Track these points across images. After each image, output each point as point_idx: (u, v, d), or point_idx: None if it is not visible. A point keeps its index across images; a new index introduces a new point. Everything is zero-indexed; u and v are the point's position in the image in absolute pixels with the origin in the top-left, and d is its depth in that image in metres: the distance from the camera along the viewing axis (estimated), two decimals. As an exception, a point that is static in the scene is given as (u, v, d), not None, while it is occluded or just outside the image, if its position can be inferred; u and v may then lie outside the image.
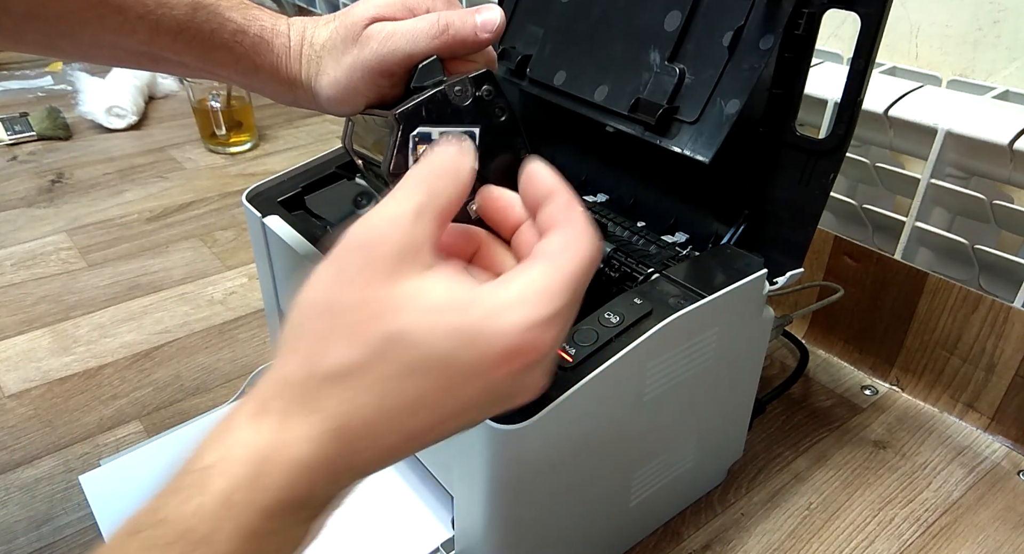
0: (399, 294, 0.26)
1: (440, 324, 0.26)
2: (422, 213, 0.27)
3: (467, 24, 0.38)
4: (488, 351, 0.26)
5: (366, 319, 0.26)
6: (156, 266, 0.84)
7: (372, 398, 0.26)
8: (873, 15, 0.42)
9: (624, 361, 0.39)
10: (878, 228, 0.68)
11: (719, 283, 0.43)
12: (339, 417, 0.25)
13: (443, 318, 0.26)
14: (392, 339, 0.26)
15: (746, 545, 0.53)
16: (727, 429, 0.54)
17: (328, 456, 0.25)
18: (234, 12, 0.40)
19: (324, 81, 0.40)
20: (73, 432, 0.61)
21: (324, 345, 0.26)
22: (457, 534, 0.47)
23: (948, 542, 0.53)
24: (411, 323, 0.26)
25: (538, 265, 0.28)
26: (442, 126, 0.34)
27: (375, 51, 0.38)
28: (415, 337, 0.26)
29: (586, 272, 0.28)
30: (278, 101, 0.44)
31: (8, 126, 1.14)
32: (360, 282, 0.26)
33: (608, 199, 0.58)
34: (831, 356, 0.72)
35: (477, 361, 0.26)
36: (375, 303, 0.26)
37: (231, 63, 0.41)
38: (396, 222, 0.27)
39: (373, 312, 0.26)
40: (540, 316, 0.26)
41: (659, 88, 0.49)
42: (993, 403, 0.62)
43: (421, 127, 0.33)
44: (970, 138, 0.57)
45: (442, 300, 0.26)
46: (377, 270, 0.26)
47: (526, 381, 0.28)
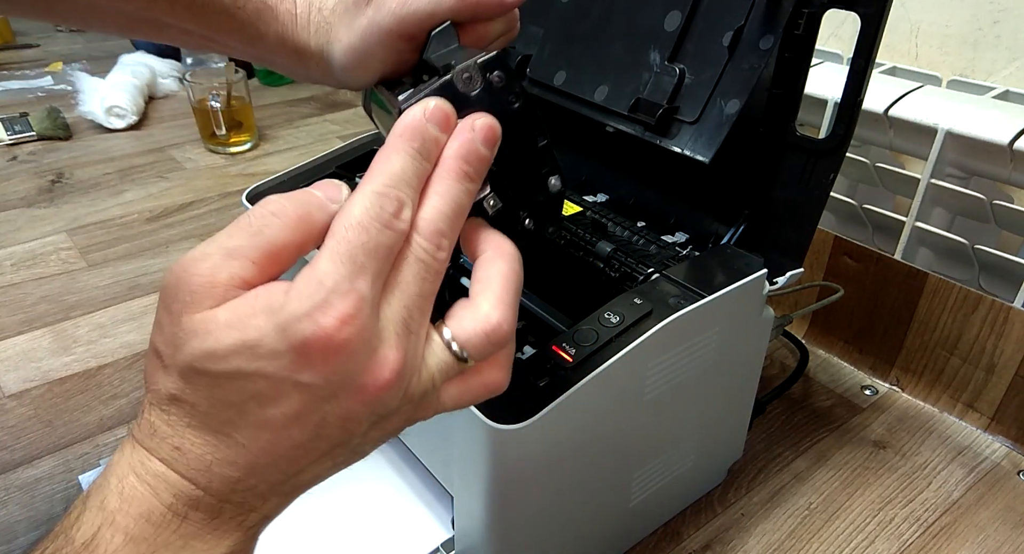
0: (187, 327, 0.25)
1: (220, 346, 0.25)
2: (233, 255, 0.26)
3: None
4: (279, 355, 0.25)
5: (169, 356, 0.26)
6: (156, 266, 0.84)
7: (198, 422, 0.26)
8: (873, 15, 0.42)
9: (624, 361, 0.39)
10: (878, 228, 0.68)
11: (719, 283, 0.43)
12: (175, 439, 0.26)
13: (222, 340, 0.25)
14: (187, 370, 0.25)
15: (746, 545, 0.53)
16: (727, 429, 0.54)
17: (182, 473, 0.26)
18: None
19: (337, 49, 0.37)
20: (73, 432, 0.61)
21: (152, 380, 0.27)
22: (457, 534, 0.47)
23: (948, 542, 0.53)
24: (194, 352, 0.25)
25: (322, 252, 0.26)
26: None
27: (393, 12, 0.35)
28: (202, 364, 0.25)
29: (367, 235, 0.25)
30: (289, 75, 0.41)
31: (8, 126, 1.14)
32: (163, 323, 0.26)
33: (608, 199, 0.58)
34: (831, 356, 0.72)
35: (274, 368, 0.25)
36: (173, 340, 0.26)
37: (234, 31, 0.39)
38: (198, 263, 0.26)
39: (172, 349, 0.26)
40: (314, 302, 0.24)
41: (659, 88, 0.49)
42: (993, 403, 0.62)
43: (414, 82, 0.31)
44: (970, 138, 0.57)
45: (221, 322, 0.25)
46: (172, 311, 0.26)
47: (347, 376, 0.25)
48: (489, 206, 0.33)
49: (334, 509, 0.51)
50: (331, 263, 0.25)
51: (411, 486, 0.53)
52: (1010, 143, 0.55)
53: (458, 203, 0.28)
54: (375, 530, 0.50)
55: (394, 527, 0.50)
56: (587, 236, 0.50)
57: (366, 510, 0.51)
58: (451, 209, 0.28)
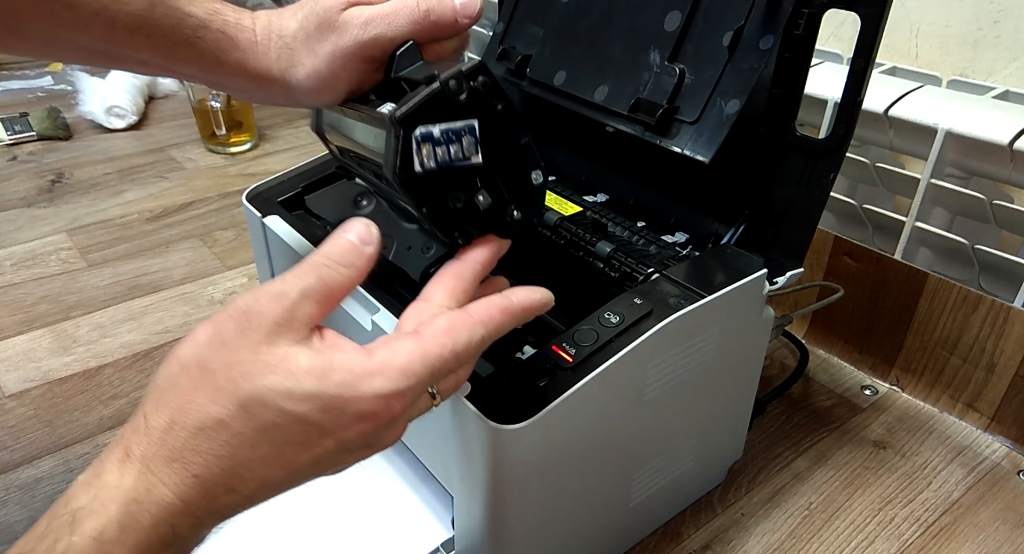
0: (265, 360, 0.28)
1: (297, 389, 0.28)
2: (307, 296, 0.29)
3: (447, 8, 0.38)
4: (341, 415, 0.28)
5: (231, 379, 0.28)
6: (156, 266, 0.84)
7: (230, 451, 0.28)
8: (873, 15, 0.42)
9: (624, 361, 0.39)
10: (878, 228, 0.68)
11: (719, 283, 0.43)
12: (199, 467, 0.27)
13: (301, 383, 0.28)
14: (252, 400, 0.28)
15: (746, 545, 0.53)
16: (727, 429, 0.54)
17: (189, 501, 0.27)
18: (194, 6, 0.39)
19: (301, 73, 0.38)
20: (73, 432, 0.61)
21: (188, 399, 0.28)
22: (457, 534, 0.47)
23: (948, 542, 0.53)
24: (271, 386, 0.28)
25: (408, 342, 0.30)
26: (441, 123, 0.33)
27: (356, 38, 0.37)
28: (272, 400, 0.28)
29: (447, 362, 0.30)
30: (247, 99, 0.44)
31: (8, 126, 1.14)
32: (232, 346, 0.28)
33: (608, 199, 0.58)
34: (831, 356, 0.72)
35: (331, 422, 0.28)
36: (242, 366, 0.28)
37: (194, 60, 0.39)
38: (280, 299, 0.29)
39: (238, 374, 0.28)
40: (392, 389, 0.29)
41: (659, 88, 0.49)
42: (993, 403, 0.62)
43: (421, 127, 0.33)
44: (970, 138, 0.57)
45: (303, 366, 0.28)
46: (250, 338, 0.28)
47: (378, 437, 0.31)
48: (480, 203, 0.35)
49: (334, 509, 0.51)
50: (422, 365, 0.30)
51: (411, 486, 0.53)
52: (1010, 143, 0.55)
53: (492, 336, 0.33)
54: (375, 530, 0.50)
55: (394, 527, 0.50)
56: (587, 236, 0.50)
57: (366, 510, 0.51)
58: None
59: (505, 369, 0.39)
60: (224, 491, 0.28)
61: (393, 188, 0.35)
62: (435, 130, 0.33)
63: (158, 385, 0.29)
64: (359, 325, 0.46)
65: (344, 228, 0.32)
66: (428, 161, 0.33)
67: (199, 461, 0.27)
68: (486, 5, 1.02)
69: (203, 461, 0.27)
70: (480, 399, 0.37)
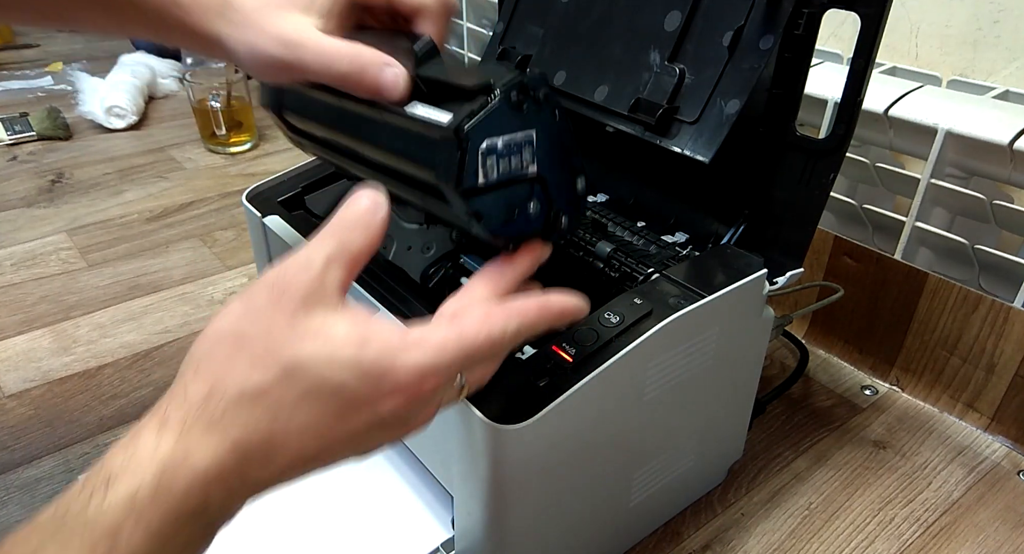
0: (303, 327, 0.28)
1: (337, 356, 0.28)
2: (332, 261, 0.30)
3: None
4: (378, 385, 0.29)
5: (270, 347, 0.28)
6: (156, 266, 0.84)
7: (268, 420, 0.28)
8: (873, 15, 0.42)
9: (624, 361, 0.39)
10: (878, 228, 0.68)
11: (719, 283, 0.43)
12: (236, 434, 0.27)
13: (341, 351, 0.28)
14: (292, 366, 0.28)
15: (746, 545, 0.53)
16: (727, 429, 0.54)
17: (224, 469, 0.27)
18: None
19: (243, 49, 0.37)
20: (73, 432, 0.61)
21: (228, 368, 0.28)
22: (457, 534, 0.47)
23: (948, 542, 0.53)
24: (311, 353, 0.28)
25: (444, 323, 0.31)
26: (504, 134, 0.33)
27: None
28: (313, 366, 0.28)
29: (481, 347, 0.31)
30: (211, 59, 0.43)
31: (8, 126, 1.14)
32: (268, 315, 0.29)
33: (608, 199, 0.58)
34: (831, 356, 0.72)
35: (367, 392, 0.29)
36: (280, 333, 0.28)
37: (140, 20, 0.39)
38: (308, 266, 0.30)
39: (277, 341, 0.28)
40: (428, 363, 0.29)
41: (659, 88, 0.49)
42: (993, 403, 0.62)
43: (488, 139, 0.32)
44: (970, 138, 0.57)
45: (342, 335, 0.29)
46: (285, 306, 0.29)
47: (411, 415, 0.31)
48: (531, 210, 0.36)
49: (334, 509, 0.51)
50: (456, 345, 0.30)
51: (411, 486, 0.53)
52: (1010, 143, 0.55)
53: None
54: (375, 530, 0.50)
55: (394, 527, 0.50)
56: (587, 236, 0.50)
57: (366, 510, 0.51)
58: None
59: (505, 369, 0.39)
60: (260, 461, 0.28)
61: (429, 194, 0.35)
62: (499, 142, 0.33)
63: (195, 357, 0.29)
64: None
65: (354, 195, 0.32)
66: (491, 173, 0.33)
67: (237, 428, 0.27)
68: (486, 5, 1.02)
69: (241, 428, 0.27)
70: (480, 399, 0.37)
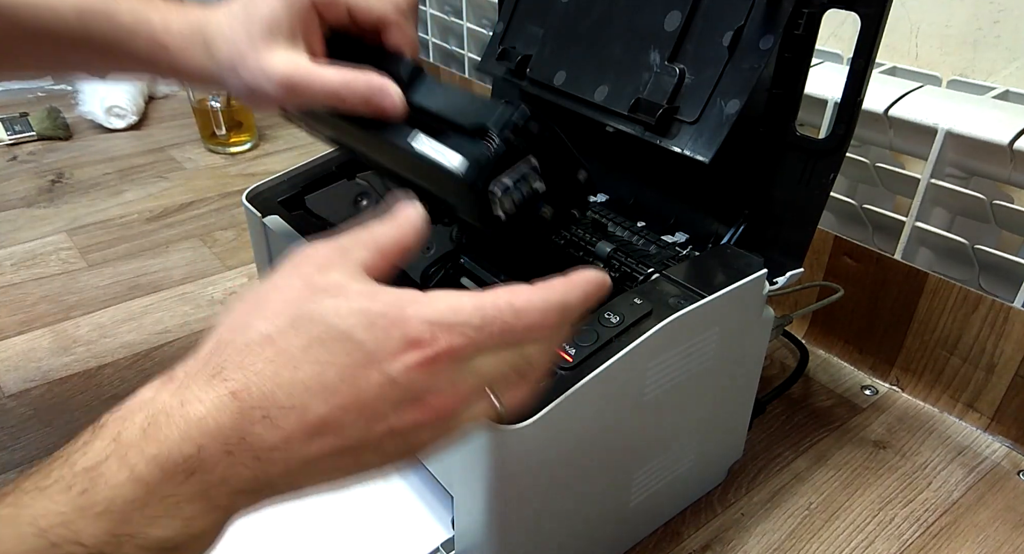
0: (318, 285, 0.28)
1: (346, 305, 0.27)
2: (358, 242, 0.30)
3: None
4: (387, 336, 0.27)
5: (284, 302, 0.28)
6: (156, 266, 0.84)
7: (272, 370, 0.26)
8: (873, 15, 0.42)
9: (624, 361, 0.39)
10: (878, 228, 0.68)
11: (719, 283, 0.43)
12: (237, 384, 0.26)
13: (351, 301, 0.27)
14: (300, 316, 0.27)
15: (746, 545, 0.53)
16: (727, 429, 0.54)
17: (221, 422, 0.25)
18: (123, 15, 0.40)
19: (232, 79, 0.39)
20: (73, 432, 0.60)
21: (241, 321, 0.28)
22: (457, 534, 0.47)
23: (948, 542, 0.53)
24: (321, 304, 0.27)
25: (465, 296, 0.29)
26: (510, 172, 0.36)
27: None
28: (320, 314, 0.27)
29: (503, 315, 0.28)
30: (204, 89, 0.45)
31: (8, 126, 1.14)
32: (285, 279, 0.29)
33: (608, 199, 0.58)
34: (831, 356, 0.72)
35: (375, 344, 0.27)
36: (294, 292, 0.28)
37: (133, 63, 0.41)
38: (331, 243, 0.30)
39: (289, 298, 0.28)
40: (440, 318, 0.27)
41: (659, 88, 0.49)
42: (993, 403, 0.62)
43: (495, 183, 0.36)
44: (970, 138, 0.57)
45: (355, 288, 0.28)
46: (303, 270, 0.29)
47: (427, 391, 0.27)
48: (546, 215, 0.38)
49: (334, 509, 0.51)
50: (473, 307, 0.28)
51: (411, 486, 0.53)
52: (1010, 143, 0.55)
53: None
54: (375, 530, 0.50)
55: (394, 527, 0.50)
56: (587, 236, 0.50)
57: (366, 510, 0.51)
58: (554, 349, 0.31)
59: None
60: (260, 417, 0.26)
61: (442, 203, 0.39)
62: (507, 181, 0.36)
63: (217, 323, 0.29)
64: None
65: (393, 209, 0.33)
66: (507, 206, 0.37)
67: (238, 377, 0.26)
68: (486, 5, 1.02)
69: (243, 377, 0.26)
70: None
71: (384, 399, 0.27)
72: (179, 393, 0.26)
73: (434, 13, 1.09)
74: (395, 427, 0.27)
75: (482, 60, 0.63)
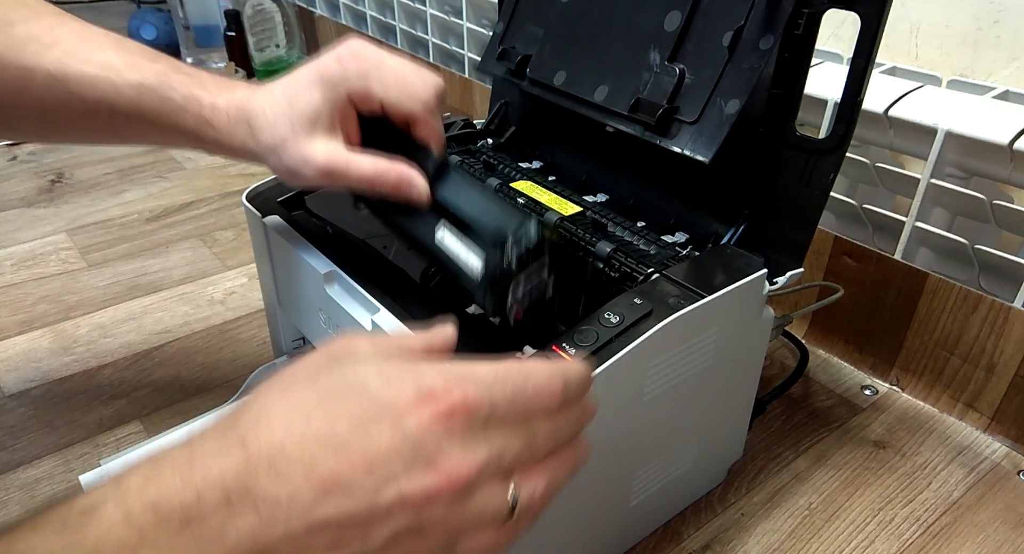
0: (340, 354, 0.30)
1: (364, 365, 0.29)
2: (388, 337, 0.32)
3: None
4: (400, 389, 0.27)
5: (305, 369, 0.29)
6: (156, 266, 0.84)
7: (284, 420, 0.26)
8: (873, 15, 0.42)
9: (624, 361, 0.39)
10: (878, 228, 0.68)
11: (719, 283, 0.43)
12: (247, 431, 0.26)
13: (369, 362, 0.29)
14: (320, 375, 0.28)
15: (746, 545, 0.53)
16: (727, 429, 0.54)
17: (225, 465, 0.25)
18: (175, 92, 0.43)
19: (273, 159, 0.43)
20: (73, 432, 0.61)
21: (261, 390, 0.28)
22: (457, 534, 0.47)
23: (948, 542, 0.53)
24: (341, 365, 0.29)
25: (478, 362, 0.29)
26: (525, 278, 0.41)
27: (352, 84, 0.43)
28: (340, 371, 0.28)
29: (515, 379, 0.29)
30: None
31: (8, 126, 1.14)
32: (312, 355, 0.30)
33: (608, 199, 0.58)
34: (831, 356, 0.72)
35: (389, 396, 0.27)
36: (318, 359, 0.30)
37: (181, 137, 0.44)
38: (364, 334, 0.32)
39: (313, 364, 0.29)
40: (454, 374, 0.28)
41: (659, 88, 0.49)
42: (993, 403, 0.62)
43: (513, 291, 0.40)
44: (970, 138, 0.57)
45: (374, 356, 0.30)
46: (330, 348, 0.30)
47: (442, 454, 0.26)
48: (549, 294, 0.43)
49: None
50: (487, 369, 0.29)
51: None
52: (1010, 143, 0.55)
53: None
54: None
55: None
56: (587, 236, 0.50)
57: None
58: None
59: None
60: (266, 467, 0.24)
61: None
62: (522, 289, 0.40)
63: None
64: (359, 325, 0.46)
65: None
66: (522, 298, 0.41)
67: (249, 427, 0.26)
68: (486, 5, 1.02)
69: (253, 427, 0.26)
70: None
71: (396, 455, 0.26)
72: (190, 447, 0.26)
73: (434, 13, 1.09)
74: (405, 493, 0.26)
75: (482, 60, 0.63)
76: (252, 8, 1.29)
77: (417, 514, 0.26)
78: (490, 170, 0.59)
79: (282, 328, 0.61)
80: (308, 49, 1.43)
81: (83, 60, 0.42)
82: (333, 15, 1.36)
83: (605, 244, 0.48)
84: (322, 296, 0.49)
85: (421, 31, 1.14)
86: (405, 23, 1.17)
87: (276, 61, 1.36)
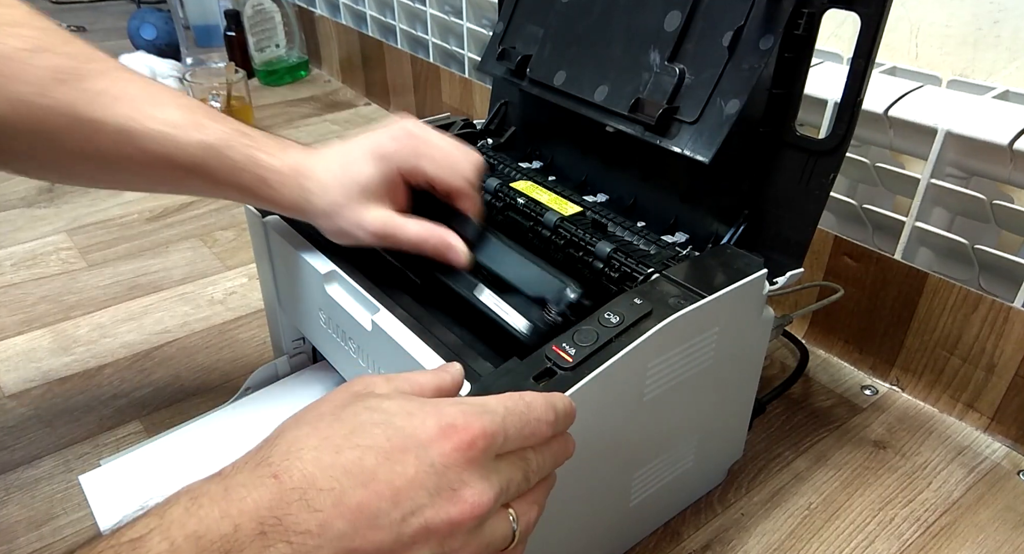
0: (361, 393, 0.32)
1: (387, 401, 0.30)
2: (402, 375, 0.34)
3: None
4: (423, 422, 0.29)
5: (331, 405, 0.31)
6: (156, 266, 0.84)
7: (315, 453, 0.28)
8: (873, 15, 0.42)
9: (624, 361, 0.39)
10: (878, 228, 0.68)
11: (719, 283, 0.43)
12: (279, 466, 0.27)
13: (392, 399, 0.31)
14: (347, 410, 0.30)
15: (746, 545, 0.53)
16: (727, 429, 0.54)
17: (259, 498, 0.26)
18: (235, 153, 0.45)
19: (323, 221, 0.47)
20: (73, 432, 0.61)
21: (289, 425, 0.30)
22: (457, 534, 0.47)
23: (948, 542, 0.53)
24: (366, 401, 0.31)
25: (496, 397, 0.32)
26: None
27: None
28: (365, 406, 0.30)
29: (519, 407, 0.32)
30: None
31: (8, 126, 1.14)
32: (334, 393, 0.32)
33: (608, 199, 0.58)
34: (831, 356, 0.72)
35: (414, 429, 0.29)
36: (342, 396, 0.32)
37: (235, 193, 0.47)
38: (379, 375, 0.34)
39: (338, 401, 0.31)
40: (471, 407, 0.30)
41: (659, 88, 0.49)
42: (993, 403, 0.62)
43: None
44: (970, 138, 0.57)
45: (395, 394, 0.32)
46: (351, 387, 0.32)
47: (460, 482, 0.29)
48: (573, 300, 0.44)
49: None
50: (497, 401, 0.31)
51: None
52: (1010, 143, 0.55)
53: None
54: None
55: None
56: (587, 236, 0.50)
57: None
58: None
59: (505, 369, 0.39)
60: (298, 498, 0.26)
61: None
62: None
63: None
64: (359, 325, 0.46)
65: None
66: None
67: (282, 463, 0.27)
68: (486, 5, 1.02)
69: (286, 463, 0.27)
70: (480, 399, 0.37)
71: (421, 486, 0.28)
72: (224, 480, 0.27)
73: (434, 13, 1.09)
74: (431, 523, 0.28)
75: (482, 60, 0.63)
76: (252, 8, 1.30)
77: (440, 544, 0.28)
78: (490, 170, 0.59)
79: (282, 328, 0.61)
80: (308, 49, 1.43)
81: (149, 116, 0.44)
82: (333, 15, 1.36)
83: (605, 244, 0.48)
84: (322, 296, 0.49)
85: (421, 31, 1.14)
86: (405, 23, 1.17)
87: (276, 61, 1.37)
